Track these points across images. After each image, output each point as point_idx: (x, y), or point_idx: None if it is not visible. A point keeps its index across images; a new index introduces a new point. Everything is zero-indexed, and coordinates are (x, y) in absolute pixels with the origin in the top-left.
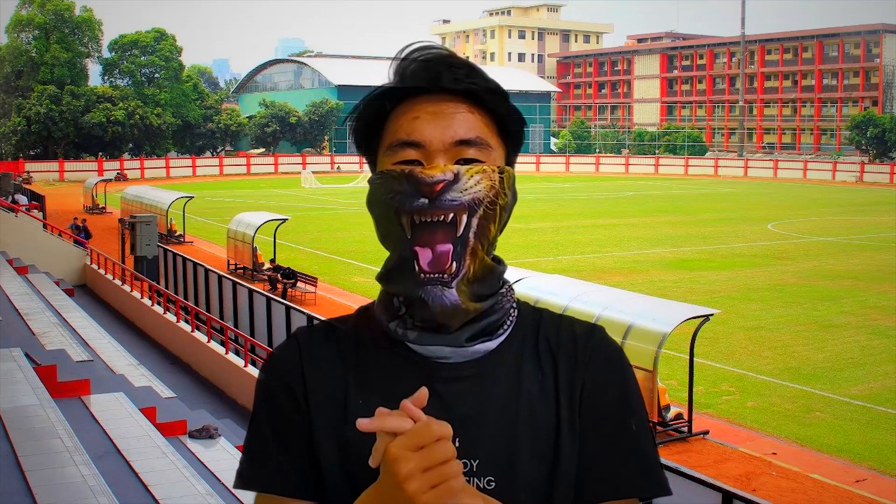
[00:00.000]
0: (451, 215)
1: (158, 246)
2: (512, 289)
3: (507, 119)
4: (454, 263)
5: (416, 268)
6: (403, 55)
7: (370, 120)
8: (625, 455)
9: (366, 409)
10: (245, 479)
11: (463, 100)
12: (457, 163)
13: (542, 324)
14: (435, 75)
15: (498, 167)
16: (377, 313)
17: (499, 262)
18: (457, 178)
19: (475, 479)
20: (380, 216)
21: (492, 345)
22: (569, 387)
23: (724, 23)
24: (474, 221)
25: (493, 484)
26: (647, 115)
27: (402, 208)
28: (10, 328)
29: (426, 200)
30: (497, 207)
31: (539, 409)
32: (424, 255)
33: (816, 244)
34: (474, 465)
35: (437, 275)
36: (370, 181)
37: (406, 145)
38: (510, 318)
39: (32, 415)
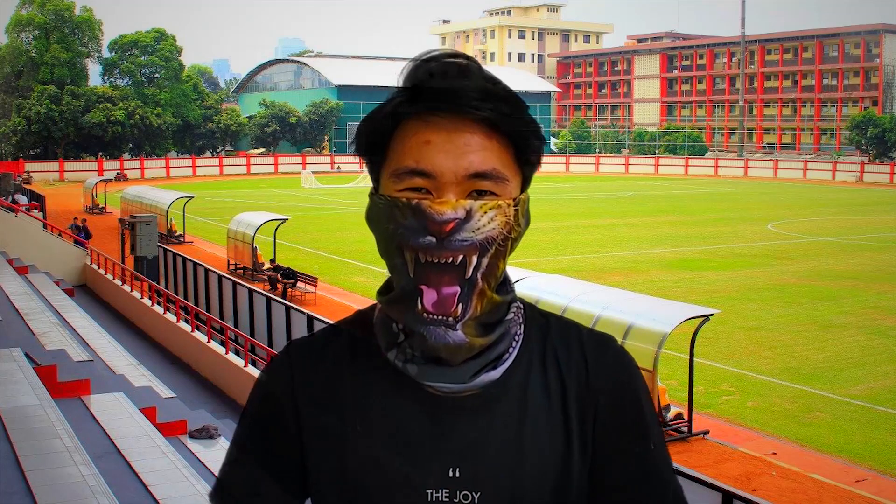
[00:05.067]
0: (461, 257)
1: (158, 246)
2: (519, 308)
3: (525, 141)
4: (460, 306)
5: (420, 306)
6: (417, 64)
7: (376, 137)
8: (645, 475)
9: (364, 437)
10: (218, 491)
11: (479, 125)
12: (469, 195)
13: (548, 340)
14: (451, 96)
15: (514, 199)
16: (376, 333)
17: (507, 289)
18: (469, 215)
19: (472, 494)
20: (381, 240)
21: (496, 374)
22: (580, 410)
23: (724, 23)
24: (484, 261)
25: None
26: (647, 115)
27: (406, 244)
28: (10, 328)
29: (434, 239)
30: (509, 242)
31: (545, 438)
32: (429, 296)
33: (816, 244)
34: (476, 497)
35: (441, 317)
36: (371, 197)
37: (414, 174)
38: (516, 339)
39: (32, 415)
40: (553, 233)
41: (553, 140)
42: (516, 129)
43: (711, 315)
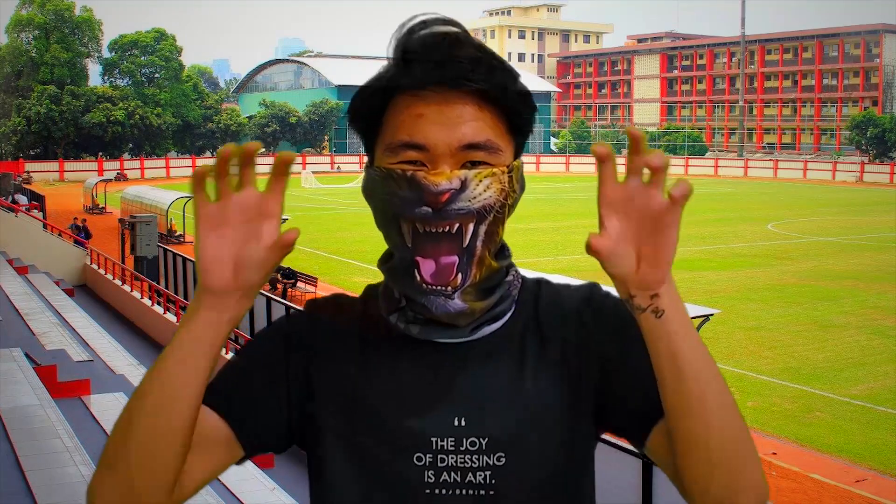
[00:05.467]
0: (457, 225)
1: (158, 246)
2: (517, 272)
3: (517, 112)
4: (459, 275)
5: (419, 277)
6: (406, 32)
7: (369, 111)
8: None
9: (369, 391)
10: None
11: (471, 96)
12: (463, 166)
13: (540, 297)
14: (442, 68)
15: (507, 166)
16: (380, 299)
17: (504, 254)
18: (464, 185)
19: (484, 457)
20: (378, 212)
21: (496, 325)
22: (580, 353)
23: (724, 23)
24: (482, 229)
25: (504, 460)
26: (647, 115)
27: (403, 215)
28: (10, 328)
29: (430, 210)
30: (506, 208)
31: (546, 384)
32: (427, 267)
33: (816, 244)
34: (483, 442)
35: (440, 287)
36: (367, 170)
37: (408, 147)
38: (515, 298)
39: (32, 415)
40: (553, 233)
41: (553, 140)
42: (508, 99)
43: (711, 315)
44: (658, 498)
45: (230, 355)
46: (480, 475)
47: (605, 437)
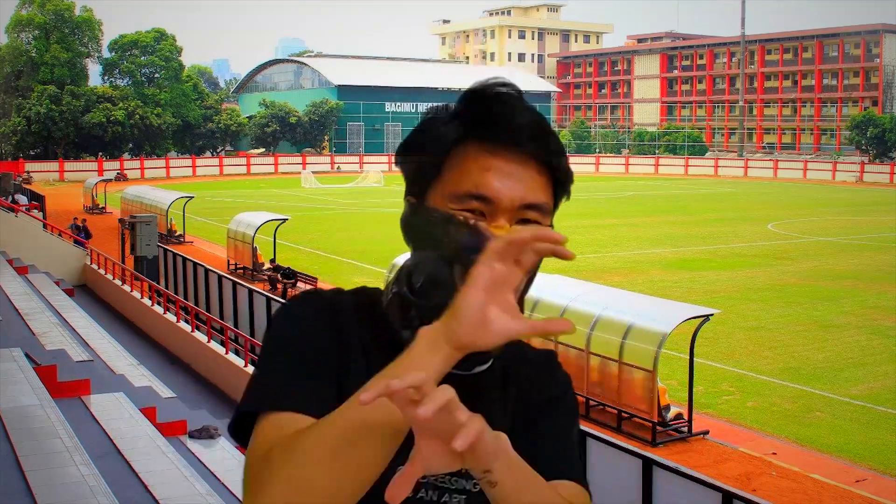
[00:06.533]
0: None
1: (158, 246)
2: None
3: (563, 180)
4: None
5: None
6: (479, 91)
7: (433, 150)
8: (571, 452)
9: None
10: (259, 398)
11: (533, 159)
12: (518, 222)
13: (509, 345)
14: (513, 130)
15: (550, 226)
16: (390, 311)
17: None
18: None
19: (463, 481)
20: (426, 247)
21: (484, 367)
22: (525, 407)
23: (724, 23)
24: (524, 283)
25: (479, 488)
26: (647, 115)
27: (459, 259)
28: (10, 328)
29: None
30: (539, 264)
31: (499, 425)
32: None
33: (816, 244)
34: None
35: None
36: (417, 206)
37: (473, 197)
38: None
39: (32, 415)
40: None
41: None
42: (560, 169)
43: (711, 315)
44: (658, 498)
45: (230, 355)
46: (456, 498)
47: (606, 436)
